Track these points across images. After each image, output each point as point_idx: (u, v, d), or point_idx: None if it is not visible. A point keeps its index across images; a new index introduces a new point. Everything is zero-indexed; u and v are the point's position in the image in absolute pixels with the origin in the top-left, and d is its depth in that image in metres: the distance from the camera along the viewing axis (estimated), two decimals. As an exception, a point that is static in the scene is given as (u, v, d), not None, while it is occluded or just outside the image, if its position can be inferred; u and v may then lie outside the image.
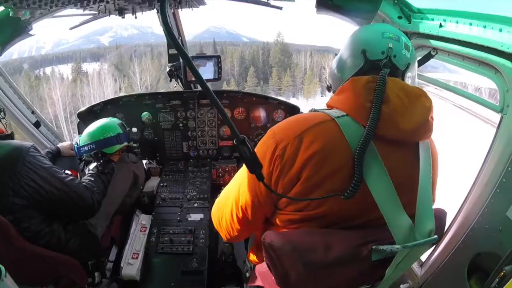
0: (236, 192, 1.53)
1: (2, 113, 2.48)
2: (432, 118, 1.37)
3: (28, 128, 3.43)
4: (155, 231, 2.94)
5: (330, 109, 1.41)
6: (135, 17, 2.50)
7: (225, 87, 56.01)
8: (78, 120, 3.49)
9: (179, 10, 3.30)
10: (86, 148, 2.74)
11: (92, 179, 2.55)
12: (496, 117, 1.66)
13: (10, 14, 1.92)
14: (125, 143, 2.91)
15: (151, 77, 52.65)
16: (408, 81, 1.44)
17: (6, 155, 2.04)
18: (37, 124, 3.54)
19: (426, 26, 1.94)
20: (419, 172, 1.32)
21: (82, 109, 3.51)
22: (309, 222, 1.35)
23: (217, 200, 1.75)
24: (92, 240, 2.58)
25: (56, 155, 2.99)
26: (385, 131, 1.28)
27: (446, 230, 1.91)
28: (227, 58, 65.32)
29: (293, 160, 1.29)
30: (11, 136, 2.30)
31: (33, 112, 3.52)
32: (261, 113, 3.67)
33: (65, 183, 2.24)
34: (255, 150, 1.28)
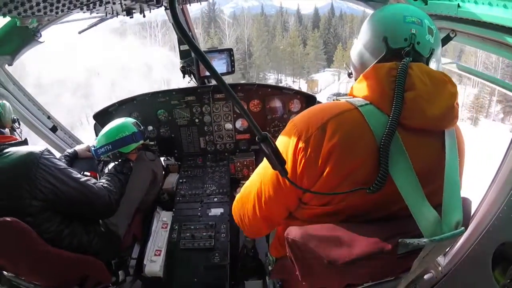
0: (258, 187, 1.51)
1: (16, 123, 2.53)
2: (458, 104, 1.31)
3: (45, 134, 3.50)
4: (176, 227, 2.97)
5: (353, 98, 1.37)
6: (144, 16, 2.48)
7: (341, 48, 54.09)
8: (94, 122, 3.52)
9: (188, 6, 3.26)
10: (103, 149, 2.77)
11: (109, 179, 2.58)
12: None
13: (17, 23, 1.92)
14: (141, 141, 2.93)
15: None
16: (433, 66, 1.37)
17: (21, 160, 2.06)
18: (54, 129, 3.61)
19: (444, 7, 1.86)
20: (444, 161, 1.27)
21: (97, 110, 3.54)
22: (333, 216, 1.33)
23: (238, 196, 1.72)
24: (114, 239, 2.62)
25: (74, 158, 3.03)
26: (411, 120, 1.24)
27: (470, 219, 1.86)
28: (346, 24, 62.43)
29: (317, 151, 1.26)
30: (25, 143, 2.34)
31: (49, 118, 3.58)
32: (277, 104, 3.63)
33: (80, 182, 2.27)
34: (276, 143, 1.26)
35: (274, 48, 55.60)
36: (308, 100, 3.60)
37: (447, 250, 2.14)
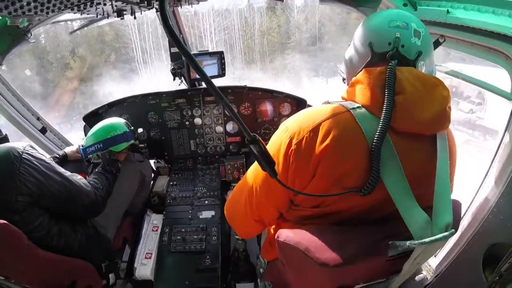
0: (249, 188, 1.51)
1: None
2: (450, 108, 1.32)
3: (34, 135, 3.44)
4: (167, 230, 2.95)
5: (345, 101, 1.38)
6: (134, 18, 2.46)
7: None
8: (84, 124, 3.48)
9: (179, 8, 3.25)
10: (93, 148, 2.72)
11: (96, 177, 2.55)
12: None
13: (8, 23, 1.89)
14: (132, 141, 2.91)
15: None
16: (422, 69, 1.38)
17: (3, 156, 2.01)
18: (43, 130, 3.56)
19: (433, 12, 1.88)
20: (435, 164, 1.28)
21: (87, 112, 3.50)
22: (324, 218, 1.34)
23: (230, 196, 1.74)
24: (103, 242, 2.60)
25: (63, 160, 2.99)
26: (401, 123, 1.25)
27: (460, 221, 1.88)
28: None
29: (309, 154, 1.26)
30: (5, 139, 2.30)
31: (38, 119, 3.52)
32: (268, 107, 3.65)
33: (65, 177, 2.23)
34: (268, 146, 1.26)
35: (350, 31, 51.96)
36: (299, 103, 3.62)
37: (438, 251, 2.16)
